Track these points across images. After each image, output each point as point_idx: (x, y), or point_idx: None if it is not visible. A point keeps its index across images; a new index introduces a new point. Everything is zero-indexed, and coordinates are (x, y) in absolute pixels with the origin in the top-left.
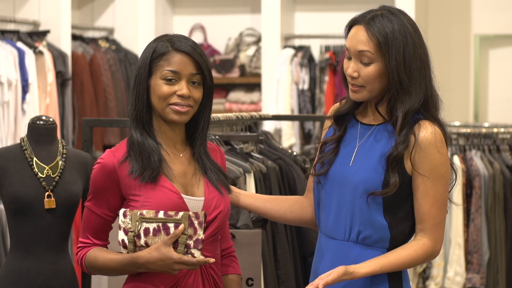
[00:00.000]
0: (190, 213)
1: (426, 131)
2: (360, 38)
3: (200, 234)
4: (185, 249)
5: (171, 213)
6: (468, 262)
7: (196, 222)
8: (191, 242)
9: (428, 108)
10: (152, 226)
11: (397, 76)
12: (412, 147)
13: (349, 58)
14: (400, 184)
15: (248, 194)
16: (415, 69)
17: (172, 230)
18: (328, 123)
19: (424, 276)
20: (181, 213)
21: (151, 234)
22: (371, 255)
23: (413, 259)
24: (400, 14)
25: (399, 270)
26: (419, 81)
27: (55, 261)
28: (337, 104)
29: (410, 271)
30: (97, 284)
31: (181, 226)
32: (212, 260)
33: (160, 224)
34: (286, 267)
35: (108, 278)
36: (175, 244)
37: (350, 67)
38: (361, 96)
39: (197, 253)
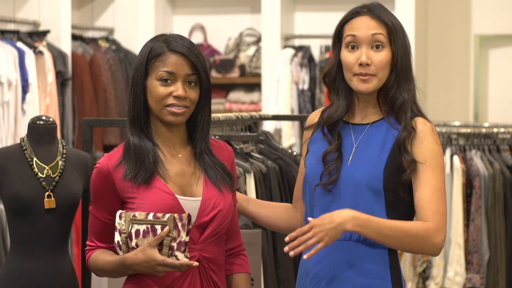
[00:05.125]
0: (175, 215)
1: (424, 124)
2: (370, 24)
3: (183, 237)
4: (169, 251)
5: (159, 215)
6: (468, 262)
7: (179, 224)
8: (174, 245)
9: (416, 104)
10: (142, 228)
11: (403, 62)
12: (412, 139)
13: (353, 48)
14: (401, 180)
15: (244, 198)
16: (410, 57)
17: (159, 232)
18: (308, 134)
19: (424, 276)
20: (167, 215)
21: (141, 236)
22: (373, 254)
23: (412, 228)
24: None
25: (396, 236)
26: (411, 69)
27: (55, 261)
28: (314, 114)
29: (410, 271)
30: (97, 284)
31: (166, 228)
32: (195, 263)
33: (149, 226)
34: (286, 267)
35: (108, 278)
36: (160, 246)
37: (364, 54)
38: (372, 86)
39: (180, 256)
